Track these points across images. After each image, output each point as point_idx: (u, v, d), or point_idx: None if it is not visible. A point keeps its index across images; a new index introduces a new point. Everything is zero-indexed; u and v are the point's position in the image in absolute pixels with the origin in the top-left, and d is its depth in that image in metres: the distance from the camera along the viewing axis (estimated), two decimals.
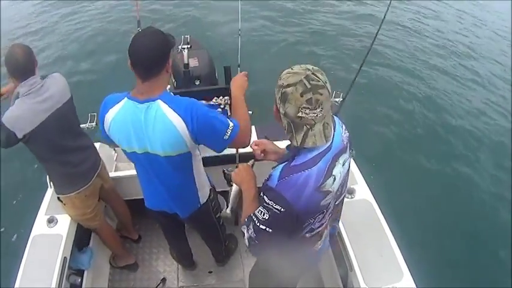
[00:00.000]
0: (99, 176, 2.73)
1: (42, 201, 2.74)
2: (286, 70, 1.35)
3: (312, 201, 1.36)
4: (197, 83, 2.93)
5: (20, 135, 2.17)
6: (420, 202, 4.34)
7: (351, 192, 2.55)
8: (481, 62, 7.86)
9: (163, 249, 3.33)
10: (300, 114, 1.30)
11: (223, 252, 3.00)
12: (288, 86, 1.29)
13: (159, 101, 1.71)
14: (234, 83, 2.01)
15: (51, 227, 2.54)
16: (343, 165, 1.46)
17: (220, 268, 3.17)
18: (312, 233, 1.56)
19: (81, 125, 3.03)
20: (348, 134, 1.55)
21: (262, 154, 1.88)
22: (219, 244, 2.85)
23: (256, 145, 1.88)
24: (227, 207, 2.86)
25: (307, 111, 1.29)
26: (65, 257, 2.42)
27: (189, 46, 2.94)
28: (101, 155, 3.11)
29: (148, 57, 1.66)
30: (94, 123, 3.09)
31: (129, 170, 3.08)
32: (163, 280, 3.11)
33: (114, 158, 3.57)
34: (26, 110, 2.18)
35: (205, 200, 2.23)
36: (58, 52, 7.86)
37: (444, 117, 6.00)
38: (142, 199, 3.08)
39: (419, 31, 8.87)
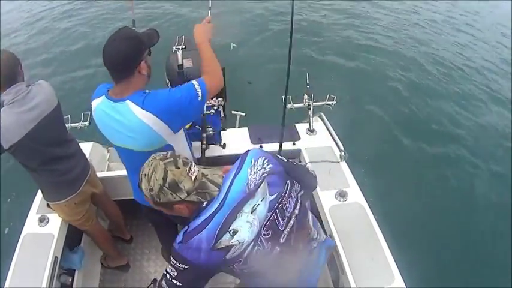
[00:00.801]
0: (89, 183, 2.67)
1: (33, 200, 2.72)
2: (143, 181, 1.42)
3: (212, 259, 1.40)
4: None
5: (6, 147, 2.11)
6: (412, 205, 4.36)
7: (343, 195, 2.56)
8: (478, 62, 7.93)
9: (155, 249, 3.32)
10: (193, 177, 1.41)
11: None
12: (165, 178, 1.38)
13: (128, 102, 1.75)
14: (196, 31, 1.97)
15: (43, 226, 2.53)
16: (252, 212, 1.43)
17: None
18: (250, 271, 1.50)
19: (74, 124, 3.03)
20: (266, 163, 1.52)
21: None
22: None
23: None
24: None
25: (191, 170, 1.42)
26: (55, 257, 2.40)
27: (183, 47, 2.93)
28: (93, 154, 3.10)
29: (117, 62, 1.71)
30: (87, 122, 3.08)
31: (122, 170, 3.07)
32: (155, 281, 3.09)
33: (107, 158, 3.56)
34: (12, 121, 2.09)
35: None
36: (51, 52, 7.86)
37: (438, 118, 6.04)
38: (135, 199, 3.07)
39: (414, 31, 8.95)
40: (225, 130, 3.11)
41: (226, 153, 2.82)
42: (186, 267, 1.40)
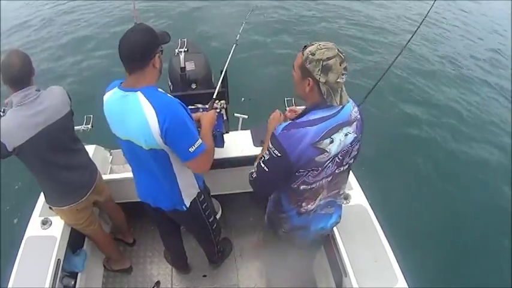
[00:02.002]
0: (94, 192, 2.64)
1: (36, 202, 2.72)
2: (315, 47, 1.62)
3: (305, 154, 1.66)
4: (193, 86, 2.93)
5: (9, 148, 2.09)
6: (415, 206, 4.36)
7: (346, 197, 2.55)
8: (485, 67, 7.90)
9: (158, 252, 3.32)
10: (338, 80, 1.62)
11: (217, 254, 3.01)
12: (329, 59, 1.58)
13: (139, 93, 1.80)
14: (205, 117, 2.16)
15: (45, 229, 2.53)
16: (345, 135, 1.72)
17: (215, 272, 3.16)
18: (307, 187, 1.82)
19: (77, 127, 3.03)
20: (358, 115, 1.81)
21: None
22: (212, 246, 2.86)
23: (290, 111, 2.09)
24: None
25: (343, 76, 1.63)
26: (58, 259, 2.40)
27: (185, 49, 2.93)
28: (96, 157, 3.11)
29: (132, 52, 1.78)
30: (90, 125, 3.08)
31: (124, 173, 3.07)
32: (157, 283, 3.10)
33: (110, 161, 3.57)
34: (16, 124, 2.08)
35: (190, 202, 2.24)
36: (53, 53, 7.89)
37: (440, 119, 6.03)
38: (137, 202, 3.07)
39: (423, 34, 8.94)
40: (228, 133, 3.11)
41: (229, 156, 2.81)
42: (279, 155, 1.67)
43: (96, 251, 3.11)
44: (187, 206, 2.23)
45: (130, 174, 2.94)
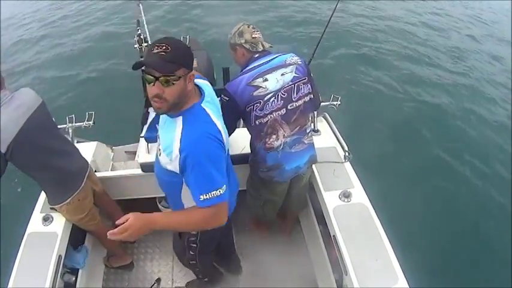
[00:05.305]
0: (89, 179, 2.69)
1: (37, 199, 2.72)
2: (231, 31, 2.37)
3: (244, 92, 2.22)
4: None
5: (3, 149, 2.11)
6: (416, 205, 4.34)
7: (347, 195, 2.55)
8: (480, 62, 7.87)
9: (159, 249, 3.33)
10: (254, 35, 2.33)
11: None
12: (238, 28, 2.34)
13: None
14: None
15: (47, 225, 2.53)
16: (282, 75, 2.24)
17: None
18: (262, 121, 2.28)
19: (78, 124, 3.03)
20: (299, 61, 2.32)
21: None
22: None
23: None
24: None
25: (255, 33, 2.34)
26: (59, 256, 2.41)
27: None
28: (97, 154, 3.11)
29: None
30: (91, 122, 3.08)
31: (126, 170, 3.07)
32: (158, 280, 3.10)
33: (111, 158, 3.56)
34: (4, 121, 2.12)
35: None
36: (53, 52, 7.90)
37: (443, 119, 6.01)
38: (139, 199, 3.06)
39: (417, 27, 8.90)
40: None
41: (230, 154, 2.81)
42: (227, 98, 2.22)
43: (97, 248, 3.11)
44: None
45: (132, 171, 2.95)
